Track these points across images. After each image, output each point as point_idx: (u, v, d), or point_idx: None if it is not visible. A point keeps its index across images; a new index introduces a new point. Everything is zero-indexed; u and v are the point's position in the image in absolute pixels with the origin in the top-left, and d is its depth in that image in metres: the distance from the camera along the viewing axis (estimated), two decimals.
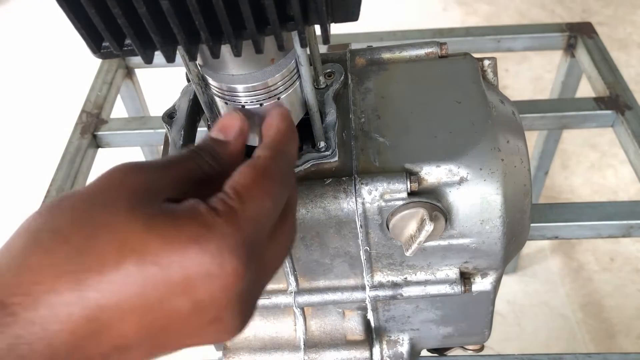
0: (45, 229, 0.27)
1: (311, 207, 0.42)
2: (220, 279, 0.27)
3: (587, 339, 1.34)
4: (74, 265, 0.26)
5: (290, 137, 0.34)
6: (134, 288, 0.26)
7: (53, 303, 0.25)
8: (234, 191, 0.29)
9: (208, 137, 0.34)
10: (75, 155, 0.82)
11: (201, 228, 0.27)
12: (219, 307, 0.28)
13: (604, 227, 0.70)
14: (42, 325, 0.25)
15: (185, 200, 0.28)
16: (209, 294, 0.27)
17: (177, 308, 0.27)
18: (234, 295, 0.28)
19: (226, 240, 0.27)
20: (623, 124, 0.81)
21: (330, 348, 0.52)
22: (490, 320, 0.53)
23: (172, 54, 0.30)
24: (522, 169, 0.44)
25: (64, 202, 0.28)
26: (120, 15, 0.27)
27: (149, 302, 0.26)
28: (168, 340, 0.29)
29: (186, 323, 0.28)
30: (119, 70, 0.96)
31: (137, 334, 0.27)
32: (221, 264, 0.27)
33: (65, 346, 0.25)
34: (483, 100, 0.45)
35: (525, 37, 0.96)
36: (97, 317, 0.26)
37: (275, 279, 0.48)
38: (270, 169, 0.31)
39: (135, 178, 0.29)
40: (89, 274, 0.25)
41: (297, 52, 0.37)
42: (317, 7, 0.30)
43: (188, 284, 0.27)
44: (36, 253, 0.26)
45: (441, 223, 0.42)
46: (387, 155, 0.43)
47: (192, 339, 0.29)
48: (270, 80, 0.37)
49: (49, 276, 0.25)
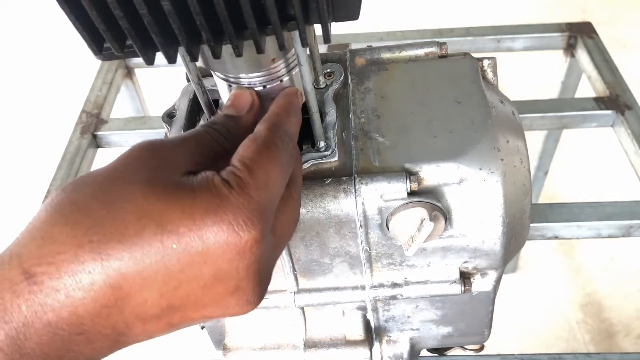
0: (67, 202, 0.28)
1: (311, 207, 0.42)
2: (238, 247, 0.28)
3: (587, 339, 1.34)
4: (96, 235, 0.26)
5: (288, 110, 0.36)
6: (154, 257, 0.27)
7: (76, 271, 0.26)
8: (241, 163, 0.30)
9: (221, 113, 0.36)
10: (75, 155, 0.82)
11: (216, 199, 0.28)
12: (239, 276, 0.29)
13: (604, 227, 0.70)
14: (67, 293, 0.26)
15: (202, 173, 0.30)
16: (228, 262, 0.28)
17: (198, 276, 0.28)
18: (252, 262, 0.29)
19: (241, 209, 0.28)
20: (623, 124, 0.81)
21: (330, 348, 0.52)
22: (490, 320, 0.53)
23: (174, 54, 0.30)
24: (522, 168, 0.44)
25: (86, 179, 0.29)
26: (121, 17, 0.27)
27: (170, 270, 0.27)
28: (190, 310, 0.29)
29: (207, 292, 0.29)
30: (119, 70, 0.96)
31: (159, 302, 0.28)
32: (238, 232, 0.28)
33: (89, 314, 0.26)
34: (483, 100, 0.45)
35: (525, 37, 0.96)
36: (120, 285, 0.27)
37: (275, 279, 0.48)
38: (270, 139, 0.32)
39: (154, 153, 0.30)
40: (110, 244, 0.26)
41: (297, 52, 0.37)
42: (318, 7, 0.30)
43: (207, 252, 0.27)
44: (58, 224, 0.27)
45: (441, 223, 0.42)
46: (386, 155, 0.43)
47: (214, 310, 0.30)
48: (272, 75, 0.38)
49: (72, 246, 0.26)
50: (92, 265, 0.26)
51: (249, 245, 0.28)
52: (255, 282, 0.30)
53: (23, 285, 0.26)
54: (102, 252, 0.26)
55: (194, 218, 0.27)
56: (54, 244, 0.26)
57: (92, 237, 0.26)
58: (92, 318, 0.27)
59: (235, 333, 0.54)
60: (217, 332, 0.54)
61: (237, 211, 0.28)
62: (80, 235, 0.26)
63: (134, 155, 0.30)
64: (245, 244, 0.28)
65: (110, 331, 0.28)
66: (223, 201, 0.28)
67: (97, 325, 0.27)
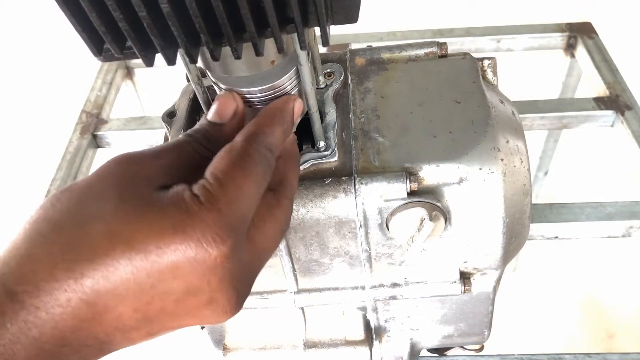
0: (44, 220, 0.29)
1: (311, 207, 0.42)
2: (207, 263, 0.28)
3: (587, 339, 1.34)
4: (69, 254, 0.27)
5: (272, 119, 0.35)
6: (125, 275, 0.27)
7: (52, 289, 0.27)
8: (213, 176, 0.30)
9: (204, 120, 0.35)
10: (75, 155, 0.82)
11: (184, 215, 0.28)
12: (211, 289, 0.29)
13: (604, 227, 0.70)
14: (46, 310, 0.27)
15: (173, 187, 0.30)
16: (199, 277, 0.28)
17: (170, 291, 0.29)
18: (224, 276, 0.29)
19: (209, 225, 0.28)
20: (623, 124, 0.81)
21: (330, 348, 0.52)
22: (490, 320, 0.53)
23: (173, 56, 0.30)
24: (522, 168, 0.44)
25: (62, 195, 0.30)
26: (121, 19, 0.27)
27: (142, 287, 0.28)
28: (166, 321, 0.30)
29: (180, 305, 0.29)
30: (119, 71, 0.97)
31: (134, 316, 0.29)
32: (207, 249, 0.28)
33: (70, 328, 0.27)
34: (483, 100, 0.45)
35: (525, 37, 0.96)
36: (94, 302, 0.27)
37: (275, 279, 0.48)
38: (245, 151, 0.31)
39: (128, 167, 0.31)
40: (82, 263, 0.27)
41: (297, 52, 0.37)
42: (317, 10, 0.30)
43: (177, 268, 0.28)
44: (37, 243, 0.28)
45: (441, 223, 0.42)
46: (386, 155, 0.43)
47: (190, 320, 0.31)
48: (277, 83, 0.38)
49: (48, 264, 0.27)
50: (67, 284, 0.27)
51: (219, 261, 0.28)
52: (230, 294, 0.30)
53: (6, 304, 0.27)
54: (76, 271, 0.27)
55: (162, 236, 0.27)
56: (32, 263, 0.27)
57: (65, 256, 0.27)
58: (73, 331, 0.28)
59: (235, 333, 0.54)
60: (217, 332, 0.54)
61: (205, 227, 0.28)
62: (55, 254, 0.27)
63: (108, 171, 0.31)
64: (215, 259, 0.28)
65: (93, 341, 0.29)
66: (191, 217, 0.28)
67: (80, 338, 0.28)
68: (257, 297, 0.49)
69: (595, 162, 1.63)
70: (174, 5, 0.27)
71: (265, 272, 0.48)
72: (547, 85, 1.13)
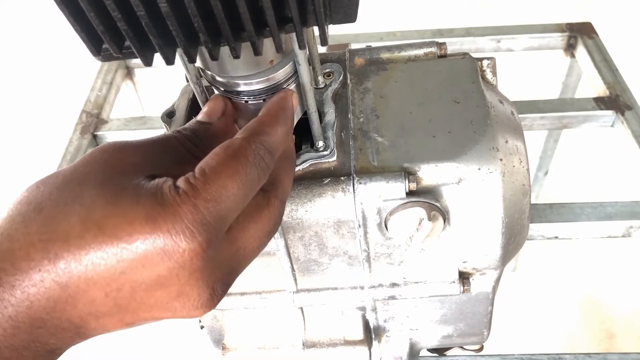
0: (26, 201, 0.29)
1: (309, 207, 0.42)
2: (176, 256, 0.28)
3: (587, 339, 1.34)
4: (46, 234, 0.28)
5: (276, 118, 0.34)
6: (96, 259, 0.28)
7: (28, 268, 0.27)
8: (200, 171, 0.30)
9: (194, 119, 0.36)
10: (75, 155, 0.82)
11: (158, 206, 0.28)
12: (180, 282, 0.29)
13: (604, 227, 0.70)
14: (22, 289, 0.27)
15: (157, 178, 0.30)
16: (167, 269, 0.28)
17: (139, 280, 0.29)
18: (194, 271, 0.29)
19: (181, 219, 0.28)
20: (623, 124, 0.81)
21: (329, 348, 0.52)
22: (489, 321, 0.53)
23: (172, 56, 0.30)
24: (521, 168, 0.44)
25: (48, 178, 0.30)
26: (119, 19, 0.27)
27: (112, 273, 0.28)
28: (138, 311, 0.30)
29: (150, 295, 0.29)
30: (119, 71, 0.97)
31: (105, 301, 0.29)
32: (176, 242, 0.28)
33: (44, 309, 0.28)
34: (482, 100, 0.45)
35: (525, 37, 0.96)
36: (67, 284, 0.28)
37: (275, 279, 0.48)
38: (242, 151, 0.31)
39: (113, 155, 0.31)
40: (57, 243, 0.27)
41: (296, 52, 0.37)
42: (315, 9, 0.30)
43: (146, 258, 0.28)
44: (16, 222, 0.28)
45: (439, 223, 0.42)
46: (385, 155, 0.43)
47: (162, 312, 0.31)
48: (271, 78, 0.38)
49: (25, 243, 0.28)
50: (41, 264, 0.27)
51: (187, 256, 0.28)
52: (201, 290, 0.30)
53: None
54: (50, 251, 0.27)
55: (134, 224, 0.27)
56: (10, 242, 0.28)
57: (42, 235, 0.28)
58: (48, 312, 0.28)
59: (234, 333, 0.54)
60: (216, 332, 0.54)
61: (177, 220, 0.28)
62: (32, 234, 0.28)
63: (94, 157, 0.31)
64: (183, 252, 0.28)
65: (68, 325, 0.29)
66: (165, 209, 0.28)
67: (55, 319, 0.28)
68: (256, 296, 0.49)
69: (595, 162, 1.63)
70: (173, 4, 0.27)
71: (264, 271, 0.48)
72: (547, 85, 1.13)
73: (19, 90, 2.02)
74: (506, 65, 0.82)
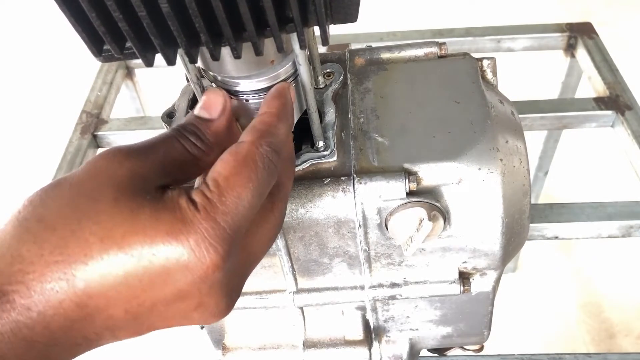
0: (34, 218, 0.28)
1: (310, 207, 0.42)
2: (199, 271, 0.28)
3: (587, 339, 1.35)
4: (61, 255, 0.27)
5: (280, 115, 0.34)
6: (117, 278, 0.27)
7: (44, 290, 0.27)
8: (214, 182, 0.29)
9: (192, 116, 0.34)
10: (75, 155, 0.82)
11: (179, 223, 0.28)
12: (201, 295, 0.29)
13: (604, 227, 0.70)
14: (38, 311, 0.27)
15: (170, 191, 0.29)
16: (190, 284, 0.28)
17: (160, 296, 0.29)
18: (214, 284, 0.29)
19: (204, 235, 0.28)
20: (623, 124, 0.81)
21: (329, 348, 0.52)
22: (489, 321, 0.53)
23: (173, 57, 0.30)
24: (521, 168, 0.44)
25: (52, 192, 0.29)
26: (120, 19, 0.27)
27: (133, 290, 0.28)
28: (155, 322, 0.30)
29: (170, 308, 0.30)
30: (119, 71, 0.97)
31: (124, 317, 0.29)
32: (199, 258, 0.28)
33: (61, 328, 0.27)
34: (482, 100, 0.45)
35: (525, 37, 0.96)
36: (86, 304, 0.27)
37: (275, 279, 0.48)
38: (251, 156, 0.30)
39: (120, 165, 0.30)
40: (75, 265, 0.27)
41: (296, 52, 0.37)
42: (316, 9, 0.30)
43: (168, 275, 0.28)
44: (27, 242, 0.27)
45: (440, 223, 0.42)
46: (385, 155, 0.43)
47: (179, 322, 0.31)
48: (272, 77, 0.38)
49: (39, 265, 0.27)
50: (59, 285, 0.27)
51: (210, 270, 0.28)
52: (219, 298, 0.30)
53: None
54: (68, 272, 0.27)
55: (156, 242, 0.27)
56: (22, 263, 0.27)
57: (57, 257, 0.27)
58: (64, 332, 0.28)
59: (234, 333, 0.54)
60: (217, 332, 0.54)
61: (199, 237, 0.28)
62: (46, 255, 0.27)
63: (100, 168, 0.30)
64: (207, 269, 0.28)
65: (82, 341, 0.29)
66: (186, 225, 0.28)
67: (70, 338, 0.28)
68: (256, 297, 0.49)
69: (595, 162, 1.63)
70: (174, 5, 0.27)
71: (265, 272, 0.48)
72: (547, 85, 1.14)
73: (19, 90, 2.02)
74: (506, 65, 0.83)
